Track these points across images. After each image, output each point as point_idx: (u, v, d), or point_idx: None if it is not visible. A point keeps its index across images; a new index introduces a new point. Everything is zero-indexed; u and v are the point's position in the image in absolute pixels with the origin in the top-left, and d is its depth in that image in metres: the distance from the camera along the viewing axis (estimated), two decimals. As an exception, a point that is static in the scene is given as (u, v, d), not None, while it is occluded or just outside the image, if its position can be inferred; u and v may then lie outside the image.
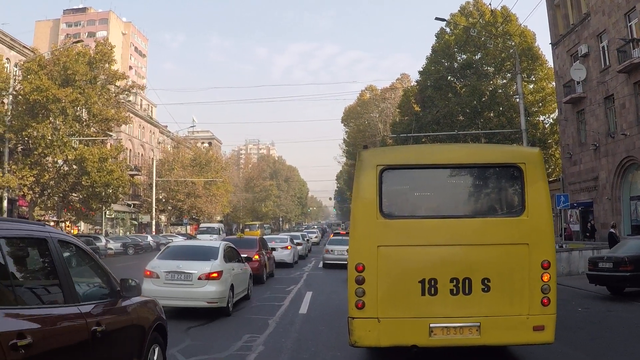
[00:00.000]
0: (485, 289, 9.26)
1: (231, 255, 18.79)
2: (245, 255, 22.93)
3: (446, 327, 9.23)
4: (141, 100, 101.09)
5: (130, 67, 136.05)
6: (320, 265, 37.66)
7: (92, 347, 6.17)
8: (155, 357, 8.33)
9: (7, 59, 51.58)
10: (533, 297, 9.26)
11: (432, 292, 9.28)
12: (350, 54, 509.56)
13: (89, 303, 6.60)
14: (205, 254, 17.37)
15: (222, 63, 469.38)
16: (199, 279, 15.77)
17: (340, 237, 40.32)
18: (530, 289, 9.27)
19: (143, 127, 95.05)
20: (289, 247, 37.93)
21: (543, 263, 9.31)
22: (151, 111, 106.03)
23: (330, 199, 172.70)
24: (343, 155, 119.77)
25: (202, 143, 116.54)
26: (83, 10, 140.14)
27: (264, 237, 40.65)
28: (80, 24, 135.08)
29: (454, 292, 9.26)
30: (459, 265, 9.34)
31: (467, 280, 9.27)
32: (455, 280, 9.27)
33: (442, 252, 9.45)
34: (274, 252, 33.33)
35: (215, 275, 16.00)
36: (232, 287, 17.03)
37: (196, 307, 15.90)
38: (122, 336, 7.23)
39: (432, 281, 9.29)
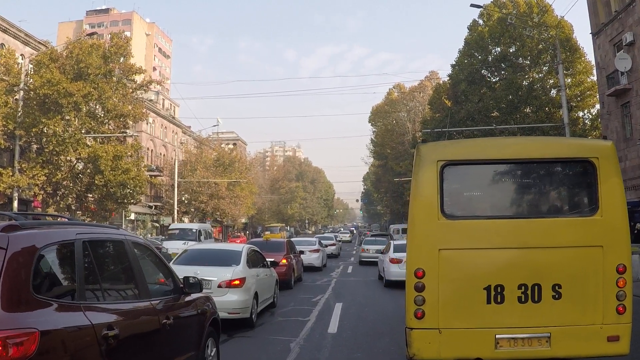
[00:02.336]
0: (556, 296, 8.56)
1: (255, 259, 17.70)
2: (272, 260, 21.72)
3: (513, 338, 8.54)
4: (163, 100, 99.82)
5: (154, 68, 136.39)
6: (349, 270, 36.36)
7: (161, 337, 6.99)
8: (210, 350, 9.02)
9: (21, 55, 49.55)
10: (607, 305, 8.56)
11: (499, 300, 8.61)
12: (380, 55, 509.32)
13: (158, 298, 7.39)
14: (226, 258, 16.26)
15: (251, 65, 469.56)
16: (219, 286, 14.47)
17: (374, 238, 48.88)
18: (604, 295, 8.56)
19: (165, 127, 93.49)
20: (318, 250, 37.70)
21: (618, 267, 8.58)
22: (174, 111, 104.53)
23: (357, 200, 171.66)
24: (370, 156, 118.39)
25: (227, 144, 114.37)
26: (106, 11, 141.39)
27: (293, 239, 40.45)
28: (103, 25, 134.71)
29: (522, 299, 8.58)
30: (528, 270, 8.63)
31: (536, 287, 8.58)
32: (523, 287, 8.59)
33: (509, 256, 8.76)
34: (302, 255, 32.80)
35: (237, 282, 14.82)
36: (256, 295, 15.82)
37: None
38: (185, 329, 8.04)
39: (499, 288, 8.62)
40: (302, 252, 33.41)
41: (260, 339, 13.69)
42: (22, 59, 47.70)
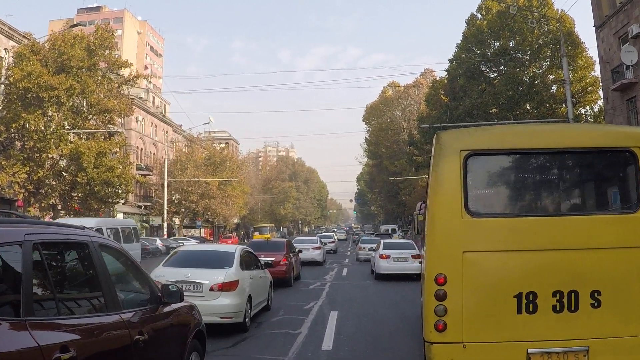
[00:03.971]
0: (595, 304, 7.50)
1: (249, 261, 16.87)
2: (273, 259, 23.78)
3: (547, 352, 7.50)
4: (154, 97, 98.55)
5: (146, 67, 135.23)
6: (344, 272, 34.69)
7: (133, 356, 5.98)
8: None
9: (5, 49, 47.90)
10: None
11: (531, 309, 7.55)
12: (374, 56, 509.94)
13: (131, 310, 6.39)
14: (218, 260, 15.49)
15: (245, 66, 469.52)
16: (211, 290, 13.79)
17: (370, 238, 53.82)
18: None
19: (155, 125, 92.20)
20: (319, 247, 42.07)
21: None
22: (164, 109, 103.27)
23: (350, 201, 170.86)
24: (364, 155, 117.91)
25: (219, 144, 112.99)
26: (97, 9, 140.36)
27: (297, 238, 47.28)
28: (94, 23, 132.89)
29: (557, 308, 7.53)
30: (564, 275, 7.57)
31: (573, 294, 7.54)
32: (559, 294, 7.54)
33: (543, 259, 7.65)
34: (306, 252, 36.78)
35: (230, 285, 14.06)
36: (249, 299, 15.13)
37: (208, 322, 12.34)
38: (163, 344, 7.02)
39: (531, 295, 7.56)
40: (305, 249, 37.36)
41: (242, 358, 11.88)
42: (6, 53, 46.05)
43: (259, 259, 22.03)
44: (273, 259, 23.98)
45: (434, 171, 8.06)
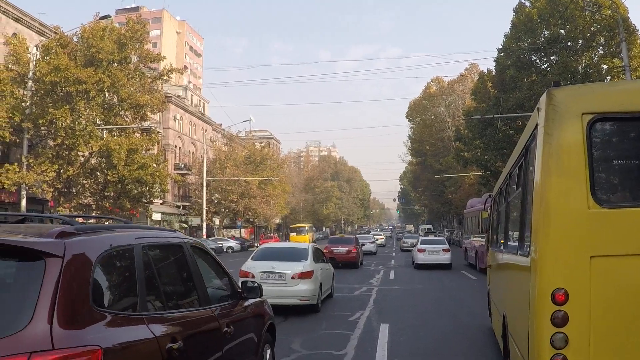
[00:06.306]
0: None
1: (318, 255, 20.35)
2: (347, 249, 38.17)
3: None
4: (192, 96, 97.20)
5: (186, 67, 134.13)
6: (391, 275, 33.02)
7: (223, 346, 6.35)
8: (267, 357, 8.22)
9: (35, 46, 46.39)
10: None
11: None
12: (414, 55, 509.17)
13: (218, 305, 6.75)
14: (296, 255, 18.95)
15: (284, 68, 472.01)
16: (292, 278, 17.30)
17: (411, 234, 75.92)
18: None
19: (194, 124, 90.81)
20: (373, 242, 59.33)
21: None
22: (203, 108, 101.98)
23: (394, 200, 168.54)
24: (408, 153, 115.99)
25: (260, 143, 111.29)
26: (136, 9, 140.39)
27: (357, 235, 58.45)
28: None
29: None
30: None
31: None
32: None
33: None
34: (364, 245, 48.06)
35: (307, 275, 17.52)
36: (320, 286, 18.49)
37: (290, 304, 17.10)
38: (244, 336, 7.33)
39: None
40: (363, 244, 48.86)
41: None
42: (37, 50, 44.54)
43: (337, 249, 38.05)
44: (347, 248, 38.25)
45: (547, 143, 5.73)
